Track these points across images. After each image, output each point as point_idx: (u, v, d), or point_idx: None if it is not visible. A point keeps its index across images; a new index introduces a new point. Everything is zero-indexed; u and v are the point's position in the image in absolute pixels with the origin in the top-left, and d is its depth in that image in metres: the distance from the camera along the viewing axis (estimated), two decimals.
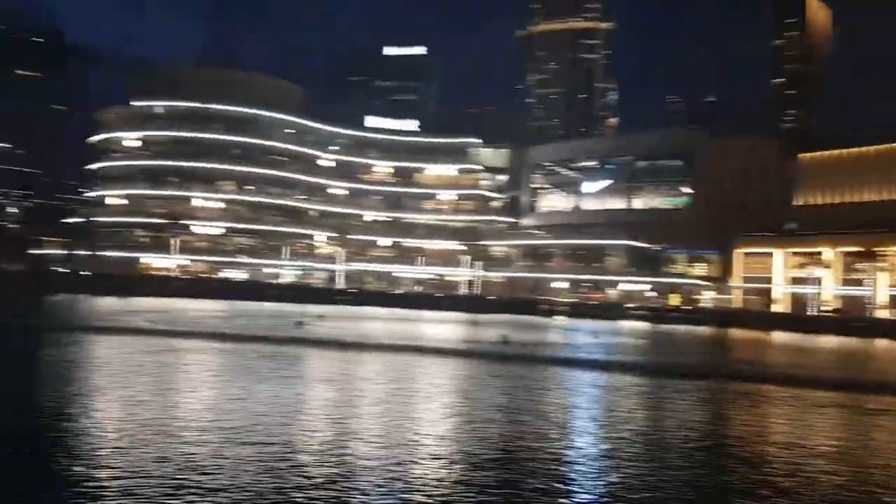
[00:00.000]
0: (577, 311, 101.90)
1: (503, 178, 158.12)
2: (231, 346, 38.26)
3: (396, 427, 19.15)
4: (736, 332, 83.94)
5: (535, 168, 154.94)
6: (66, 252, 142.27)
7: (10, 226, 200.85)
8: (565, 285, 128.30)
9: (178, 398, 22.37)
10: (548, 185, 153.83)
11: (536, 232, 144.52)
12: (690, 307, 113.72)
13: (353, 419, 20.22)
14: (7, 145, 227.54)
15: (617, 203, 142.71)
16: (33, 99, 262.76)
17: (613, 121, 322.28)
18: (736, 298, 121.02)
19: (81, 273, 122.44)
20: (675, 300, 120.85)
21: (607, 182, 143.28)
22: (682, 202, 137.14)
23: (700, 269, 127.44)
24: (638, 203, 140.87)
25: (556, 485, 14.57)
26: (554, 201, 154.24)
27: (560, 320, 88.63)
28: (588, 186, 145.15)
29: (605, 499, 13.87)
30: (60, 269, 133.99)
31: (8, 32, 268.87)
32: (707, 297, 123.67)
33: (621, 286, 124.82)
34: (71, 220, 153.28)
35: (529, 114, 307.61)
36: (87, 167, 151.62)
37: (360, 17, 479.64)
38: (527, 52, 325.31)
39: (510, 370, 33.04)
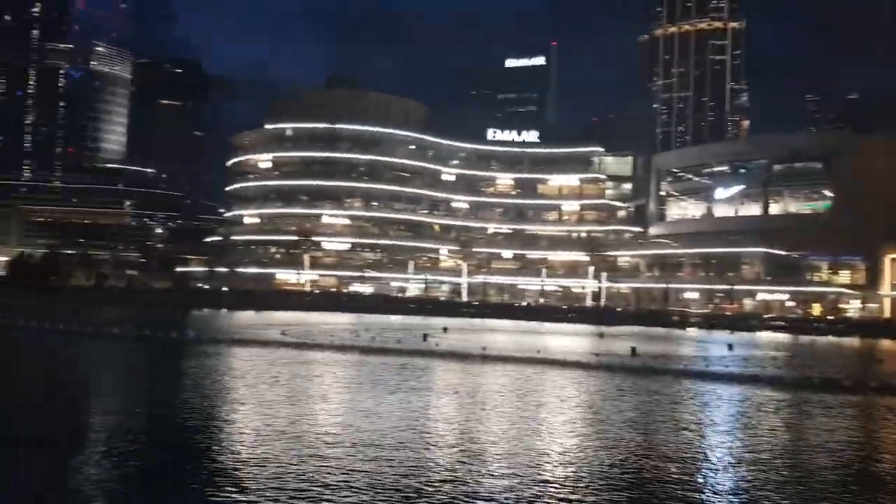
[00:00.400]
0: (710, 322, 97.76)
1: (628, 186, 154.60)
2: (361, 358, 38.96)
3: (524, 441, 18.76)
4: (886, 344, 78.02)
5: (663, 175, 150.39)
6: (207, 269, 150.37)
7: (158, 245, 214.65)
8: (696, 296, 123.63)
9: (313, 407, 22.85)
10: (676, 193, 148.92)
11: (665, 241, 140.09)
12: (834, 317, 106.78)
13: (482, 431, 19.96)
14: (153, 170, 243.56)
15: (751, 209, 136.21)
16: (175, 126, 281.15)
17: (746, 123, 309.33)
18: (885, 307, 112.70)
19: (221, 289, 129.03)
20: (816, 310, 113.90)
21: (740, 187, 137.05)
22: (824, 206, 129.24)
23: (844, 276, 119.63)
24: (775, 208, 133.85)
25: None
26: (683, 209, 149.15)
27: (692, 332, 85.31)
28: (720, 192, 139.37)
29: None
30: (202, 286, 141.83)
31: (152, 65, 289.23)
32: (853, 307, 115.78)
33: (758, 296, 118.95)
34: (211, 239, 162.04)
35: (655, 120, 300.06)
36: (225, 189, 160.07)
37: (481, 32, 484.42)
38: (651, 57, 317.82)
39: (640, 383, 31.91)
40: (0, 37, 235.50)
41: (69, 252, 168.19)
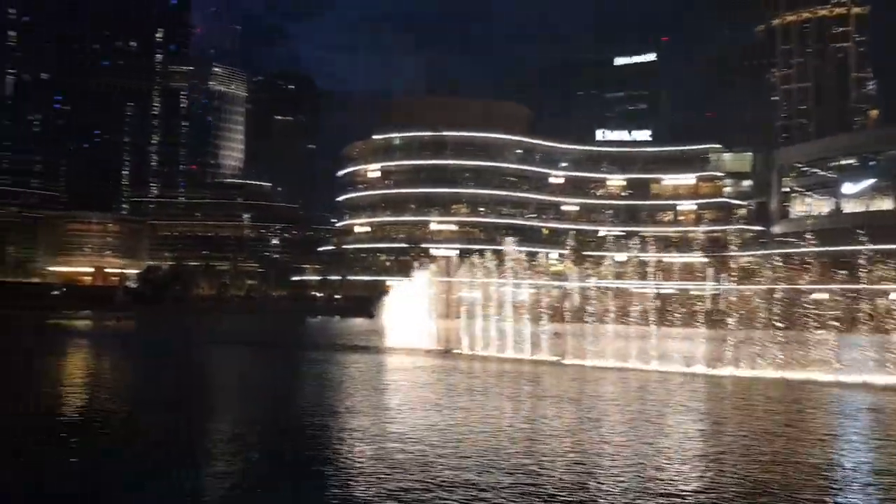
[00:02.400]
0: (845, 326, 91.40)
1: (748, 183, 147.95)
2: (472, 366, 38.17)
3: (649, 454, 17.29)
4: None
5: (785, 170, 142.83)
6: (320, 278, 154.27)
7: (275, 256, 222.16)
8: (825, 297, 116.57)
9: (427, 415, 22.12)
10: (800, 188, 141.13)
11: (789, 240, 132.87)
12: None
13: (603, 442, 18.61)
14: (269, 184, 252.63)
15: (885, 203, 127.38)
16: (289, 140, 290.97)
17: (874, 113, 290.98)
18: None
19: (334, 296, 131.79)
20: None
21: (871, 181, 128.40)
22: None
23: None
24: None
25: None
26: (808, 205, 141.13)
27: (824, 334, 79.92)
28: (848, 187, 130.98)
29: None
30: (316, 294, 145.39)
31: (266, 83, 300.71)
32: None
33: (892, 295, 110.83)
34: (324, 249, 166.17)
35: (775, 113, 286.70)
36: (336, 199, 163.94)
37: (587, 30, 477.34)
38: (768, 48, 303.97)
39: (773, 391, 29.56)
40: (127, 63, 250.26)
41: (193, 264, 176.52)
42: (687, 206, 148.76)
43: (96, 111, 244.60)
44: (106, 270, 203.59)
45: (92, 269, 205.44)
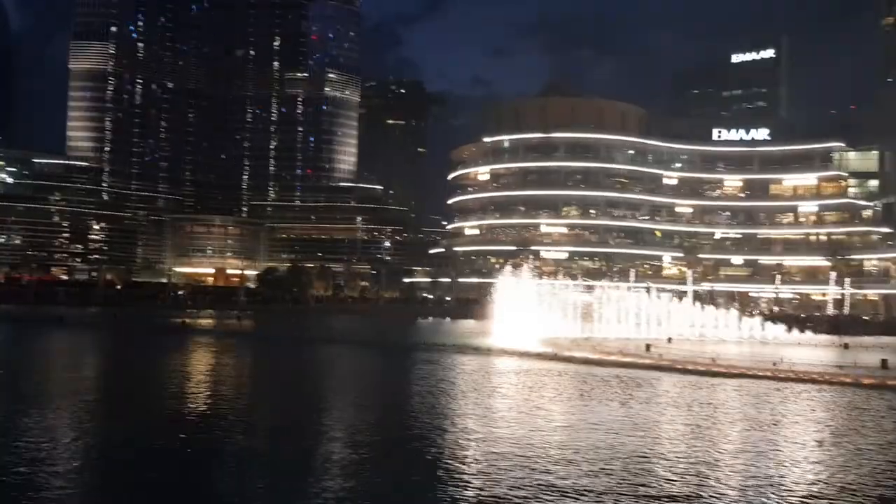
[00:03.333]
0: None
1: (875, 183, 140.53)
2: (582, 369, 38.57)
3: (765, 468, 17.52)
4: None
5: None
6: (431, 280, 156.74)
7: (387, 258, 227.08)
8: None
9: (534, 419, 22.92)
10: None
11: None
12: None
13: (719, 454, 18.91)
14: (380, 187, 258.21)
15: None
16: (401, 144, 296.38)
17: None
18: None
19: (445, 298, 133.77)
20: None
21: None
22: None
23: None
24: None
25: None
26: None
27: None
28: None
29: None
30: (427, 295, 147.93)
31: (378, 87, 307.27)
32: None
33: None
34: (434, 251, 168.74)
35: None
36: (446, 202, 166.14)
37: (707, 29, 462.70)
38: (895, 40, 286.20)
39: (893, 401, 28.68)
40: (247, 71, 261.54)
41: (309, 265, 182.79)
42: (809, 206, 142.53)
43: (219, 119, 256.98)
44: (227, 271, 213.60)
45: (213, 270, 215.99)
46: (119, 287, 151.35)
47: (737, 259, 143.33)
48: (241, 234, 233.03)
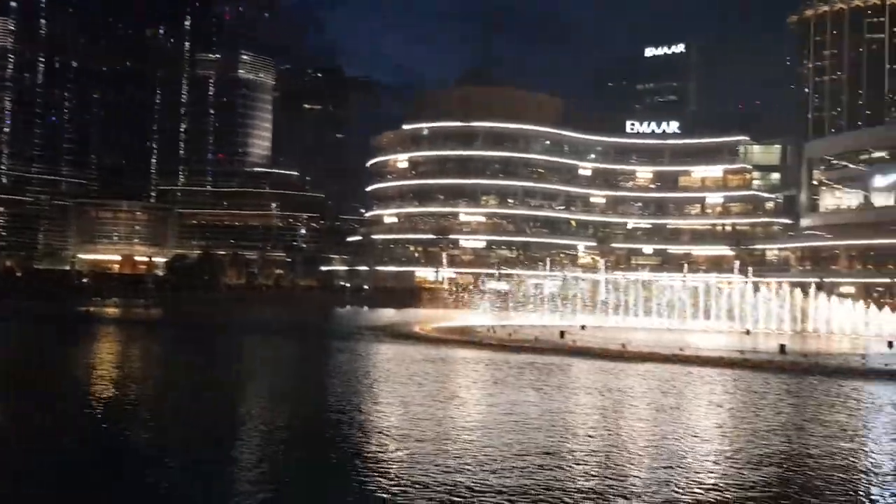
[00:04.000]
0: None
1: (777, 176, 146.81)
2: (497, 356, 38.82)
3: (669, 444, 17.91)
4: None
5: (815, 163, 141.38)
6: (349, 268, 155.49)
7: (303, 245, 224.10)
8: (852, 290, 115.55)
9: (451, 404, 22.88)
10: (830, 181, 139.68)
11: (818, 233, 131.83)
12: None
13: (626, 437, 19.24)
14: (296, 173, 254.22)
15: None
16: (318, 129, 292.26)
17: None
18: None
19: (363, 287, 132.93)
20: None
21: None
22: None
23: None
24: None
25: None
26: (838, 199, 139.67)
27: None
28: (879, 180, 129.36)
29: None
30: (345, 284, 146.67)
31: (295, 71, 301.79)
32: None
33: None
34: (352, 239, 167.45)
35: (806, 105, 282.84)
36: (365, 189, 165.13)
37: (622, 23, 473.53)
38: (801, 39, 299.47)
39: (793, 384, 29.92)
40: (156, 50, 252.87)
41: (221, 252, 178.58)
42: (715, 198, 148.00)
43: (126, 100, 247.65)
44: (134, 258, 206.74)
45: (120, 257, 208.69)
46: (19, 275, 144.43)
47: (647, 248, 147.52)
48: (149, 220, 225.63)
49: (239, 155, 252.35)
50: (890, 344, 47.20)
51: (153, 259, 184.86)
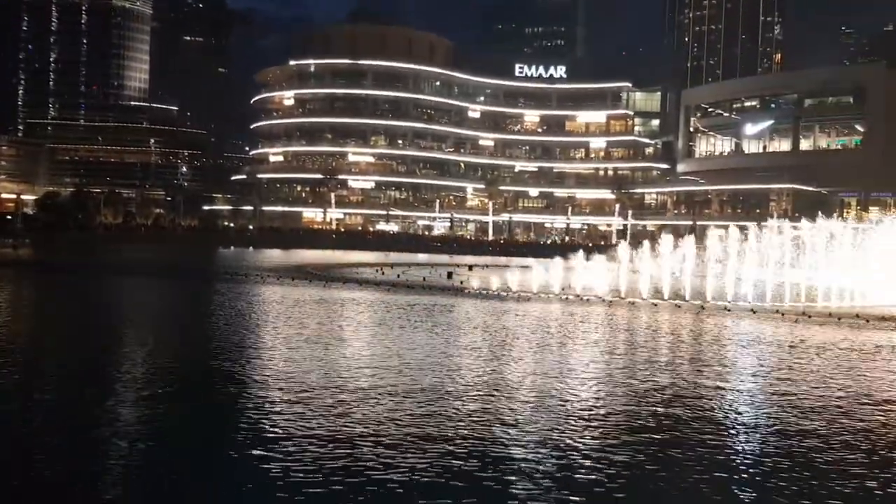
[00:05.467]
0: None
1: (657, 122, 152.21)
2: (386, 296, 39.11)
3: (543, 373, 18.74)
4: None
5: (692, 111, 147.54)
6: (233, 208, 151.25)
7: (184, 184, 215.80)
8: (723, 233, 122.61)
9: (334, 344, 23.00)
10: (705, 129, 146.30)
11: (693, 178, 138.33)
12: None
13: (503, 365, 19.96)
14: (176, 108, 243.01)
15: (782, 145, 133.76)
16: (199, 63, 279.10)
17: (778, 57, 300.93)
18: None
19: (248, 227, 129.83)
20: None
21: (770, 122, 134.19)
22: (855, 141, 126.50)
23: (875, 213, 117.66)
24: (805, 144, 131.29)
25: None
26: (712, 145, 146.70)
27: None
28: (750, 128, 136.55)
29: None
30: (229, 224, 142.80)
31: (174, 1, 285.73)
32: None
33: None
34: (237, 178, 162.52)
35: (685, 54, 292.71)
36: (250, 126, 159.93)
37: None
38: None
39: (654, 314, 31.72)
40: None
41: (96, 190, 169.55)
42: (598, 143, 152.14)
43: None
44: (1, 196, 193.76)
45: None
46: None
47: (534, 191, 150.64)
48: (16, 156, 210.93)
49: (114, 88, 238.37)
50: (450, 275, 52.02)
51: (22, 196, 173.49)
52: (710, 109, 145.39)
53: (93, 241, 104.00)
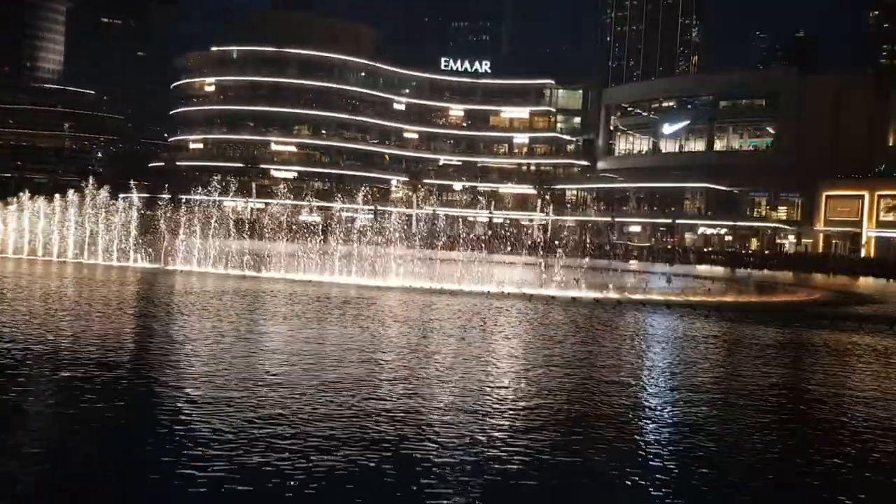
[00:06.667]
0: (651, 255, 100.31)
1: (578, 120, 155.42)
2: (300, 289, 39.26)
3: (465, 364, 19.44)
4: (817, 278, 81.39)
5: (613, 109, 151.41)
6: (150, 195, 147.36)
7: (99, 170, 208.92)
8: (639, 230, 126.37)
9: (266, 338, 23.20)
10: (625, 127, 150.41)
11: (612, 175, 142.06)
12: (769, 252, 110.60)
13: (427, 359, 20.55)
14: (92, 92, 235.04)
15: (697, 145, 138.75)
16: (117, 46, 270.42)
17: (695, 59, 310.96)
18: (819, 243, 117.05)
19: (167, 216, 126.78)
20: (754, 244, 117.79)
21: (686, 123, 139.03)
22: (766, 143, 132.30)
23: (782, 212, 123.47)
24: (719, 145, 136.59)
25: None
26: (631, 144, 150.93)
27: (634, 265, 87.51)
28: (667, 128, 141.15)
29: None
30: (146, 213, 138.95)
31: None
32: (789, 242, 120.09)
33: (699, 230, 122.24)
34: (154, 165, 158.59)
35: (607, 53, 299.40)
36: (170, 112, 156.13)
37: None
38: None
39: (583, 311, 32.93)
40: None
41: (6, 175, 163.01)
42: (522, 138, 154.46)
43: None
44: None
45: None
46: None
47: (458, 185, 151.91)
48: None
49: (27, 69, 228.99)
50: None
51: None
52: (629, 108, 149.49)
53: None
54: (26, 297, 31.35)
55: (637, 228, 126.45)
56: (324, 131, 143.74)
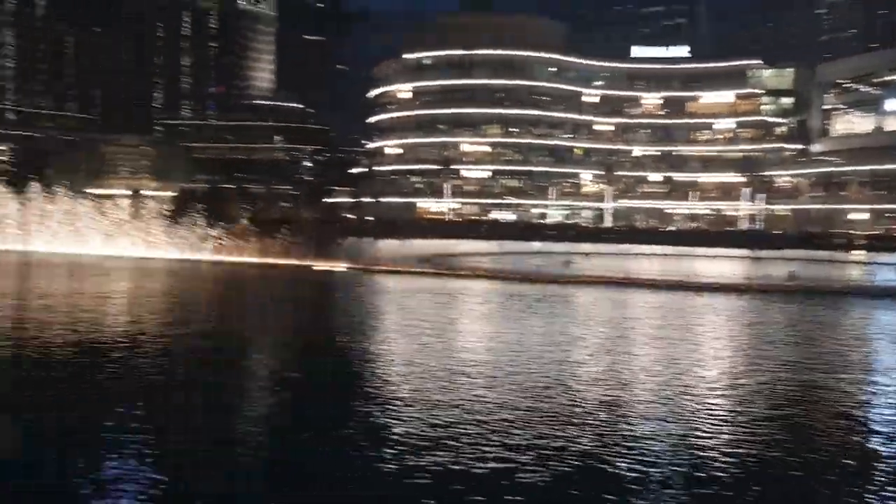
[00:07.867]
0: (881, 245, 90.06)
1: (789, 100, 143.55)
2: (503, 286, 38.33)
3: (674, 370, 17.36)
4: None
5: (828, 87, 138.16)
6: (352, 200, 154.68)
7: (307, 178, 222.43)
8: (865, 217, 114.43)
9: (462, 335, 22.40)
10: (843, 106, 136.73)
11: (829, 158, 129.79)
12: None
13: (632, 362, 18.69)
14: (300, 105, 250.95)
15: None
16: (320, 61, 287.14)
17: None
18: None
19: (366, 218, 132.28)
20: None
21: None
22: None
23: None
24: None
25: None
26: (850, 123, 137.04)
27: (859, 255, 78.99)
28: (892, 104, 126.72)
29: None
30: (349, 216, 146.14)
31: (296, 3, 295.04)
32: None
33: None
34: (355, 171, 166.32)
35: (819, 27, 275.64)
36: (366, 121, 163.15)
37: None
38: None
39: (800, 308, 29.33)
40: None
41: (227, 186, 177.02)
42: (724, 124, 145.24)
43: (128, 33, 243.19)
44: (142, 192, 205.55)
45: (129, 192, 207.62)
46: None
47: (654, 176, 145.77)
48: (155, 155, 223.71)
49: (241, 88, 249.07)
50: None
51: (161, 193, 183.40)
52: (847, 85, 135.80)
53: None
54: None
55: (862, 216, 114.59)
56: (513, 129, 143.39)
